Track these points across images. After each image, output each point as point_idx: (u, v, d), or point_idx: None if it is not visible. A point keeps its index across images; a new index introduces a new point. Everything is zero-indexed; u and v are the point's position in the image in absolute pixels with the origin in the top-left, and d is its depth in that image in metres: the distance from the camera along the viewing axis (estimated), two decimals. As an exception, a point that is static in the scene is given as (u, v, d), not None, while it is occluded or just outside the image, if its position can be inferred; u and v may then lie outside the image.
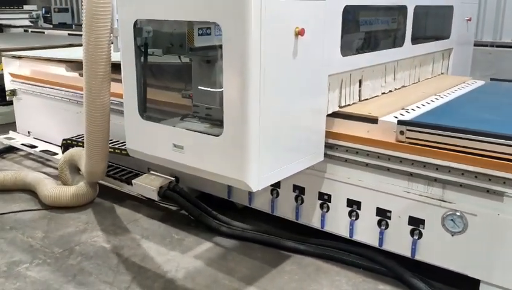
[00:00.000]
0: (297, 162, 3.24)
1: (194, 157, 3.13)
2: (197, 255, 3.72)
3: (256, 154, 2.84)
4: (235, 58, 2.71)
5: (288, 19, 2.85)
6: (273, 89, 2.83)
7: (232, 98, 2.79)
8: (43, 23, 12.52)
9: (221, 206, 4.26)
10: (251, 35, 2.62)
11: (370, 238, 3.49)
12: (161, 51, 3.62)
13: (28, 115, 6.22)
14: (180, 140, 3.18)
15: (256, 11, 2.60)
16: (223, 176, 3.01)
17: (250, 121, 2.75)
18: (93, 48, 3.65)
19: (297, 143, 3.22)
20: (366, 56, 3.89)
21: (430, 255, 3.25)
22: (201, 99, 3.57)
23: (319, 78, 3.27)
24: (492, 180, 2.92)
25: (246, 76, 2.68)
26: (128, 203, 4.60)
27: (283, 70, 2.91)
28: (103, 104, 3.90)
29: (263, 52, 2.69)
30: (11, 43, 8.09)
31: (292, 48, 2.92)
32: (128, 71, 3.39)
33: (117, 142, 4.66)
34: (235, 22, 2.65)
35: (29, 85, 5.98)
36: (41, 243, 3.86)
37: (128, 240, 3.93)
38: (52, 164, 5.62)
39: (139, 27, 3.34)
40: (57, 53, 6.22)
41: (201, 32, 3.40)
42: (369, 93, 3.97)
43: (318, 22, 3.10)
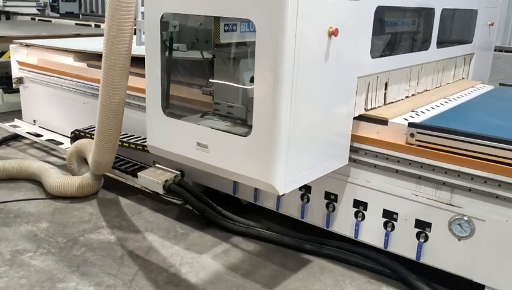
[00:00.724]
0: (323, 165, 3.16)
1: (219, 157, 3.05)
2: (200, 250, 3.71)
3: (284, 157, 2.76)
4: (268, 56, 2.62)
5: (322, 18, 2.78)
6: (304, 89, 2.76)
7: (263, 98, 2.71)
8: (50, 12, 12.49)
9: (226, 201, 4.26)
10: (286, 33, 2.54)
11: (375, 240, 3.48)
12: (185, 46, 3.55)
13: (34, 104, 6.22)
14: (204, 139, 3.11)
15: (292, 9, 2.52)
16: (248, 178, 2.93)
17: (280, 122, 2.68)
18: (115, 39, 3.53)
19: (324, 146, 3.15)
20: (394, 59, 3.84)
21: (435, 258, 3.24)
22: (223, 97, 3.51)
23: (348, 80, 3.20)
24: (501, 186, 2.91)
25: (279, 76, 2.61)
26: (133, 196, 4.59)
27: (315, 71, 2.83)
28: (120, 96, 3.80)
29: (297, 52, 2.61)
30: (18, 30, 8.09)
31: (325, 48, 2.84)
32: (152, 66, 3.29)
33: (131, 136, 4.66)
34: (271, 20, 2.57)
35: (36, 74, 5.97)
36: (45, 233, 3.86)
37: (132, 233, 3.92)
38: (57, 154, 5.61)
39: (166, 21, 3.24)
40: (66, 43, 6.21)
41: (227, 29, 3.31)
42: (394, 96, 3.91)
43: (351, 22, 3.03)
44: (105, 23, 3.54)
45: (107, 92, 3.76)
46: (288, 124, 2.70)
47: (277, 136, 2.70)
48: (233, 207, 4.21)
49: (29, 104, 6.30)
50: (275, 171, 2.78)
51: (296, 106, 2.71)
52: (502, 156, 2.92)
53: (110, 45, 3.55)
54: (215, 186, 4.32)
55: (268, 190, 2.90)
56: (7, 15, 11.80)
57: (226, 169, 3.04)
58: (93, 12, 13.23)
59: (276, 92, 2.63)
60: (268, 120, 2.70)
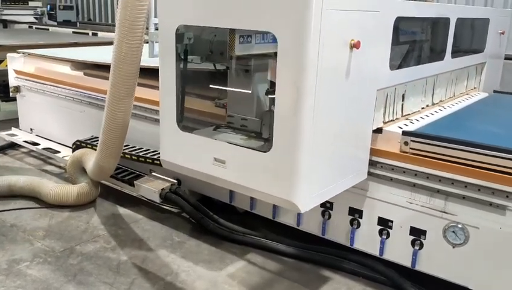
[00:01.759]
0: (344, 180, 3.10)
1: (237, 173, 2.97)
2: (197, 258, 3.72)
3: (306, 173, 2.69)
4: (291, 70, 2.55)
5: (344, 30, 2.71)
6: (326, 103, 2.69)
7: (285, 113, 2.63)
8: (47, 20, 12.55)
9: (223, 209, 4.27)
10: (310, 46, 2.47)
11: (371, 247, 3.49)
12: (199, 58, 3.49)
13: (31, 112, 6.23)
14: (222, 154, 3.01)
15: (316, 21, 2.45)
16: (268, 195, 2.86)
17: (303, 137, 2.60)
18: (128, 48, 3.45)
19: (344, 161, 3.08)
20: (411, 70, 3.78)
21: (430, 266, 3.25)
22: (236, 110, 3.47)
23: (368, 92, 3.14)
24: (495, 193, 2.93)
25: (302, 90, 2.53)
26: (130, 204, 4.60)
27: (336, 84, 2.76)
28: (127, 105, 3.75)
29: (319, 65, 2.54)
30: (15, 39, 8.12)
31: (347, 61, 2.78)
32: (167, 79, 3.21)
33: (140, 149, 4.61)
34: (294, 32, 2.50)
35: (33, 82, 5.99)
36: (42, 242, 3.86)
37: (129, 241, 3.93)
38: (53, 162, 5.62)
39: (180, 33, 3.16)
40: (63, 52, 6.23)
41: (242, 40, 3.22)
42: (410, 108, 3.85)
43: (371, 34, 2.96)
44: (116, 32, 3.48)
45: (115, 101, 3.70)
46: (310, 140, 2.63)
47: (299, 152, 2.63)
48: (229, 215, 4.22)
49: (26, 112, 6.31)
50: (296, 188, 2.70)
51: (318, 120, 2.65)
52: (495, 164, 2.95)
53: (123, 55, 3.49)
54: (212, 194, 4.33)
55: (289, 208, 2.83)
56: (4, 23, 11.84)
57: (244, 186, 2.96)
58: (90, 20, 13.27)
59: (298, 107, 2.56)
60: (290, 136, 2.63)
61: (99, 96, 5.15)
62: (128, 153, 4.50)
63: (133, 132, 4.47)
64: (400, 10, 3.31)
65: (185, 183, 4.38)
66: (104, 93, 5.02)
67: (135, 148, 4.67)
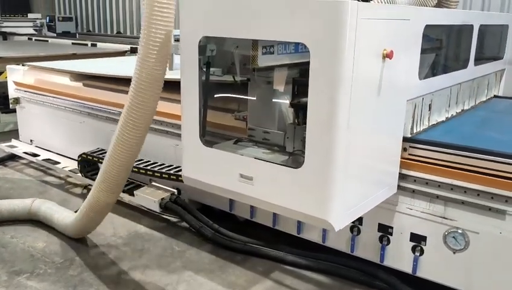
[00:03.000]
0: (375, 196, 3.01)
1: (266, 191, 2.85)
2: (197, 267, 3.71)
3: (340, 190, 2.59)
4: (324, 83, 2.45)
5: (378, 41, 2.64)
6: (359, 117, 2.60)
7: (319, 128, 2.52)
8: (47, 32, 12.60)
9: (223, 218, 4.26)
10: (344, 58, 2.38)
11: (371, 254, 3.49)
12: (221, 70, 3.41)
13: (30, 124, 6.24)
14: (248, 170, 2.90)
15: (351, 31, 2.37)
16: (299, 213, 2.75)
17: (337, 153, 2.51)
18: (154, 62, 3.09)
19: (375, 175, 3.01)
20: (438, 79, 3.71)
21: (431, 272, 3.24)
22: (258, 122, 3.39)
23: (399, 103, 3.07)
24: (494, 198, 2.93)
25: (337, 104, 2.44)
26: (130, 214, 4.59)
27: (369, 97, 2.69)
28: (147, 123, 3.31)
29: (354, 77, 2.45)
30: (15, 51, 8.16)
31: (379, 71, 2.70)
32: (189, 92, 3.08)
33: (154, 163, 4.53)
34: (328, 43, 2.40)
35: (32, 94, 6.01)
36: (42, 253, 3.86)
37: (129, 251, 3.92)
38: (53, 173, 5.62)
39: (203, 45, 3.05)
40: (63, 64, 6.25)
41: (264, 51, 3.10)
42: (436, 118, 3.76)
43: (402, 43, 2.88)
44: (140, 45, 3.12)
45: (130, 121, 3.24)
46: (344, 155, 2.54)
47: (333, 169, 2.53)
48: (229, 224, 4.21)
49: (26, 124, 6.33)
50: (330, 206, 2.60)
51: (352, 135, 2.56)
52: (494, 169, 2.95)
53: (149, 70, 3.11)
54: (211, 203, 4.33)
55: (322, 226, 2.73)
56: (4, 35, 11.90)
57: (273, 203, 2.84)
58: (89, 31, 13.32)
59: (333, 122, 2.46)
60: (324, 151, 2.52)
61: (98, 106, 5.17)
62: (150, 170, 4.38)
63: (155, 147, 4.55)
64: (429, 18, 3.26)
65: (184, 193, 4.37)
66: (103, 103, 5.10)
67: (155, 163, 4.55)
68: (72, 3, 13.72)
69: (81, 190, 5.17)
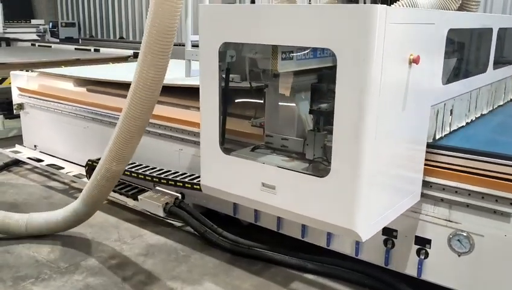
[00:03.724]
0: (400, 204, 2.95)
1: (289, 200, 2.78)
2: (202, 272, 3.72)
3: (367, 199, 2.53)
4: (352, 90, 2.39)
5: (405, 46, 2.59)
6: (386, 123, 2.54)
7: (346, 136, 2.46)
8: (50, 37, 12.67)
9: (227, 222, 4.27)
10: (373, 64, 2.32)
11: (376, 258, 3.48)
12: (239, 77, 3.36)
13: (34, 129, 6.27)
14: (271, 179, 2.83)
15: (380, 36, 2.31)
16: (324, 223, 2.68)
17: (364, 161, 2.44)
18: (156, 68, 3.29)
19: (401, 183, 2.96)
20: (460, 83, 3.64)
21: (436, 275, 3.24)
22: (275, 129, 3.34)
23: (423, 109, 3.01)
24: (499, 201, 2.93)
25: (365, 111, 2.37)
26: (134, 219, 4.60)
27: (395, 103, 2.63)
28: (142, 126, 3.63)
29: (382, 83, 2.40)
30: (18, 57, 8.20)
31: (406, 77, 2.64)
32: (209, 99, 3.02)
33: (168, 172, 4.48)
34: (356, 49, 2.34)
35: (36, 99, 6.04)
36: (47, 258, 3.87)
37: (133, 256, 3.93)
38: (58, 178, 5.64)
39: (223, 51, 2.98)
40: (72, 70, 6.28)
41: (284, 57, 3.04)
42: (456, 124, 3.66)
43: (427, 47, 2.84)
44: (142, 48, 3.29)
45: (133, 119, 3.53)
46: (371, 163, 2.48)
47: (360, 177, 2.47)
48: (234, 228, 4.21)
49: (30, 129, 6.35)
50: (357, 216, 2.53)
51: (379, 142, 2.50)
52: (498, 171, 2.95)
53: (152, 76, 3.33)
54: (215, 207, 4.33)
55: (347, 236, 2.66)
56: (7, 41, 11.96)
57: (297, 213, 2.78)
58: (92, 36, 13.39)
59: (361, 129, 2.40)
60: (352, 160, 2.46)
61: (102, 112, 5.19)
62: (164, 178, 4.32)
63: (159, 151, 4.57)
64: (453, 22, 3.22)
65: (188, 197, 4.38)
66: (107, 108, 5.12)
67: (169, 171, 4.51)
68: (75, 9, 13.79)
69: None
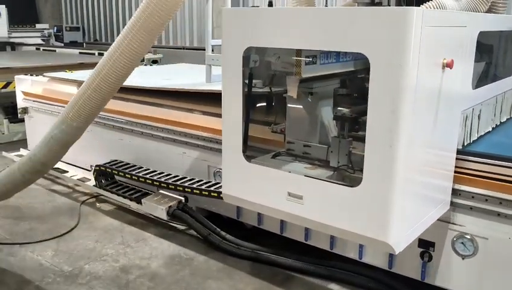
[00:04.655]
0: (431, 213, 2.87)
1: (317, 210, 2.70)
2: (206, 275, 3.71)
3: (401, 209, 2.45)
4: (387, 96, 2.30)
5: (438, 50, 2.51)
6: (419, 130, 2.48)
7: (379, 144, 2.37)
8: (54, 42, 12.73)
9: (230, 225, 4.27)
10: (409, 67, 2.24)
11: (379, 261, 3.47)
12: (261, 82, 3.29)
13: (39, 133, 6.25)
14: (298, 188, 2.74)
15: (416, 39, 2.23)
16: (355, 234, 2.59)
17: (399, 170, 2.36)
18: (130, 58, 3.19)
19: (432, 192, 2.89)
20: (488, 88, 3.54)
21: (440, 278, 3.23)
22: (297, 135, 3.28)
23: (454, 115, 2.94)
24: (502, 203, 2.92)
25: (400, 118, 2.29)
26: (137, 222, 4.61)
27: (428, 108, 2.56)
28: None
29: (417, 88, 2.32)
30: (23, 61, 8.24)
31: (439, 82, 2.57)
32: (232, 105, 2.94)
33: (191, 179, 4.32)
34: (391, 53, 2.26)
35: (40, 103, 6.06)
36: (51, 262, 3.88)
37: (137, 260, 3.93)
38: (61, 182, 5.65)
39: (246, 55, 2.89)
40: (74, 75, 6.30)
41: (307, 61, 2.96)
42: (483, 129, 3.57)
43: (459, 51, 2.77)
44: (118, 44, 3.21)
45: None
46: (405, 171, 2.40)
47: (394, 187, 2.38)
48: (237, 231, 4.21)
49: (34, 133, 6.37)
50: (390, 227, 2.44)
51: (412, 150, 2.43)
52: (502, 174, 2.94)
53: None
54: (219, 210, 4.33)
55: (380, 248, 2.59)
56: (12, 46, 12.03)
57: (326, 224, 2.68)
58: (96, 40, 13.44)
59: (395, 137, 2.32)
60: (386, 168, 2.37)
61: (106, 115, 5.20)
62: (188, 187, 4.17)
63: (162, 155, 4.54)
64: (483, 24, 3.16)
65: (191, 200, 4.39)
66: (110, 112, 5.14)
67: (184, 178, 4.38)
68: (79, 13, 13.86)
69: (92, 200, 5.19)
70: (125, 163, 4.88)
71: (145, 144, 4.90)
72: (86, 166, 5.50)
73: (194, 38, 11.11)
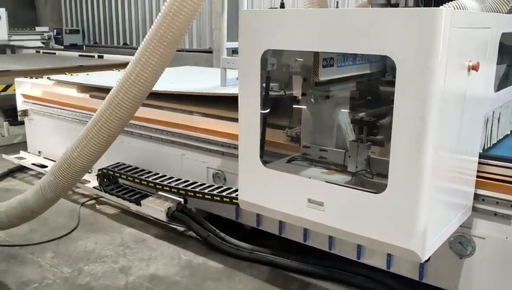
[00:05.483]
0: (455, 220, 2.80)
1: (339, 217, 2.63)
2: (204, 276, 3.73)
3: (427, 216, 2.38)
4: (414, 100, 2.25)
5: (464, 52, 2.45)
6: (445, 135, 2.42)
7: (406, 149, 2.31)
8: (54, 44, 12.76)
9: (229, 226, 4.28)
10: (437, 70, 2.18)
11: (378, 261, 3.48)
12: (278, 85, 3.22)
13: (39, 135, 6.31)
14: (318, 195, 2.68)
15: (444, 41, 2.17)
16: (380, 242, 2.52)
17: (425, 175, 2.30)
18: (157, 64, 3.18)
19: (456, 198, 2.83)
20: (507, 90, 3.46)
21: (438, 278, 3.24)
22: (313, 140, 3.22)
23: (476, 118, 2.87)
24: (499, 203, 2.93)
25: (428, 123, 2.24)
26: (137, 224, 4.62)
27: (454, 112, 2.51)
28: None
29: (444, 92, 2.26)
30: (23, 64, 8.27)
31: (464, 85, 2.52)
32: (250, 109, 2.87)
33: (203, 185, 4.25)
34: (419, 56, 2.21)
35: (40, 106, 6.09)
36: (50, 263, 3.89)
37: (136, 261, 3.95)
38: (61, 184, 5.67)
39: (264, 58, 2.82)
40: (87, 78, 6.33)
41: (325, 64, 2.91)
42: (502, 132, 3.48)
43: (483, 53, 2.72)
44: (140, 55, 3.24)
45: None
46: (432, 177, 2.35)
47: (421, 193, 2.32)
48: (236, 232, 4.23)
49: (34, 135, 6.40)
50: (416, 235, 2.38)
51: (439, 154, 2.37)
52: (499, 174, 2.95)
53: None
54: (218, 212, 4.35)
55: (405, 256, 2.53)
56: (12, 49, 12.06)
57: (348, 231, 2.62)
58: (96, 43, 13.47)
59: (423, 142, 2.26)
60: (413, 174, 2.32)
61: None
62: (199, 192, 4.10)
63: (160, 156, 4.52)
64: (506, 25, 3.08)
65: (191, 202, 4.40)
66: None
67: (201, 184, 4.28)
68: (79, 16, 13.88)
69: (91, 201, 5.21)
70: (130, 166, 4.87)
71: (144, 146, 4.91)
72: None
73: (194, 40, 11.14)
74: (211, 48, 10.17)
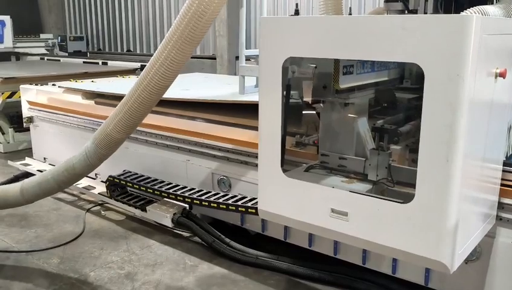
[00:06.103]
0: (481, 229, 2.75)
1: (364, 228, 2.58)
2: (210, 281, 3.74)
3: (455, 227, 2.33)
4: (443, 109, 2.20)
5: (492, 58, 2.41)
6: (473, 143, 2.38)
7: (435, 159, 2.27)
8: (58, 51, 12.82)
9: (234, 232, 4.29)
10: (467, 79, 2.14)
11: (383, 266, 3.49)
12: (297, 93, 3.18)
13: (44, 142, 6.34)
14: (342, 204, 2.63)
15: (474, 49, 2.14)
16: (406, 253, 2.46)
17: (454, 184, 2.25)
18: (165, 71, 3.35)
19: (482, 207, 2.77)
20: None
21: (443, 283, 3.24)
22: (331, 148, 3.19)
23: (502, 126, 2.84)
24: (504, 208, 2.94)
25: (456, 131, 2.19)
26: (142, 230, 4.64)
27: (482, 120, 2.47)
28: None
29: (473, 100, 2.23)
30: (28, 71, 8.31)
31: (492, 92, 2.49)
32: (271, 117, 2.82)
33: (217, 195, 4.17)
34: (448, 63, 2.16)
35: (45, 112, 6.12)
36: (57, 269, 3.91)
37: (142, 266, 3.96)
38: (67, 190, 5.68)
39: (285, 66, 2.77)
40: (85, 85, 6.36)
41: (345, 71, 2.87)
42: None
43: (508, 59, 2.65)
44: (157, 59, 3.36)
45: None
46: (462, 187, 2.30)
47: (450, 203, 2.28)
48: (241, 238, 4.24)
49: (40, 142, 6.43)
50: (445, 246, 2.34)
51: (467, 163, 2.33)
52: (503, 178, 2.96)
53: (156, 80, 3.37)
54: (223, 217, 4.36)
55: (433, 267, 2.51)
56: (17, 56, 12.13)
57: (374, 242, 2.57)
58: (100, 50, 13.53)
59: (452, 150, 2.22)
60: (441, 184, 2.27)
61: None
62: (222, 203, 4.00)
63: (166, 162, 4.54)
64: None
65: (196, 208, 4.41)
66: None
67: (209, 192, 4.25)
68: (83, 23, 13.95)
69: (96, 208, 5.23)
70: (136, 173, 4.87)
71: (149, 151, 4.93)
72: (91, 174, 5.52)
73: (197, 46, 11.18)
74: (214, 54, 10.20)
